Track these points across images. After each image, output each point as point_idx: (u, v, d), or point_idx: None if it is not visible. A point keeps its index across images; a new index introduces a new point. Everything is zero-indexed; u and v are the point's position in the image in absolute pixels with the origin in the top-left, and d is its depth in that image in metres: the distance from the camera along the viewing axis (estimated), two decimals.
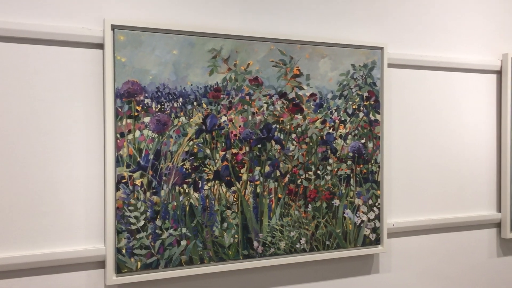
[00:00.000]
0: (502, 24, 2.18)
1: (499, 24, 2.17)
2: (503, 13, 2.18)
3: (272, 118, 1.73)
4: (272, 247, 1.73)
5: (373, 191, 1.89)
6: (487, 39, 2.15)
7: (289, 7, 1.79)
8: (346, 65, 1.84)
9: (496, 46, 2.17)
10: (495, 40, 2.17)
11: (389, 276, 1.98)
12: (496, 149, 2.17)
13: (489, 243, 2.17)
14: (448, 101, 2.07)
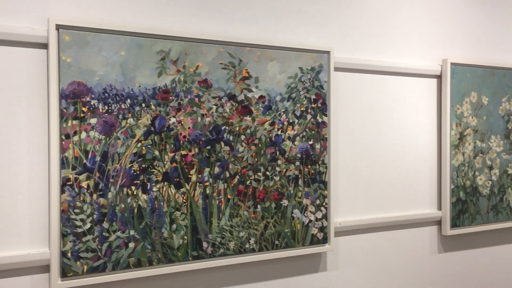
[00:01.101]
0: (442, 31, 2.29)
1: (439, 30, 2.28)
2: (444, 20, 2.29)
3: (222, 119, 1.75)
4: (222, 248, 1.75)
5: (321, 191, 1.94)
6: (428, 45, 2.25)
7: (238, 10, 1.82)
8: (294, 68, 1.88)
9: (437, 52, 2.27)
10: (435, 46, 2.27)
11: (336, 273, 2.04)
12: (437, 151, 2.28)
13: (431, 240, 2.27)
14: (391, 103, 2.15)
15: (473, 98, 2.30)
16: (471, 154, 2.30)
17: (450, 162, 2.24)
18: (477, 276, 2.42)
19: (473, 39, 2.37)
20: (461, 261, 2.36)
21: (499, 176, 2.39)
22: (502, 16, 2.46)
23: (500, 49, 2.45)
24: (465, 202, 2.29)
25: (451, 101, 2.24)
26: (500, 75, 2.38)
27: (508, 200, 2.42)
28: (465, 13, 2.35)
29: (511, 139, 2.42)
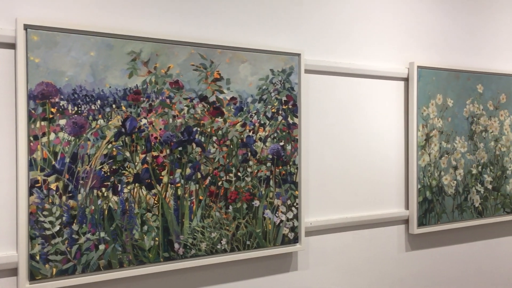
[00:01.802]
0: (409, 35, 2.35)
1: (407, 34, 2.34)
2: (411, 24, 2.35)
3: (193, 121, 1.75)
4: (193, 249, 1.75)
5: (292, 192, 1.97)
6: (396, 48, 2.31)
7: (209, 12, 1.83)
8: (265, 70, 1.90)
9: (404, 55, 2.33)
10: (403, 50, 2.33)
11: (307, 273, 2.07)
12: (404, 151, 2.33)
13: (398, 239, 2.33)
14: (360, 105, 2.20)
15: (439, 100, 2.37)
16: (437, 155, 2.37)
17: (417, 163, 2.30)
18: (443, 273, 2.49)
19: (439, 43, 2.45)
20: (427, 258, 2.43)
21: (464, 176, 2.47)
22: (466, 21, 2.54)
23: (464, 53, 2.53)
24: (431, 202, 2.35)
25: (418, 103, 2.30)
26: (464, 78, 2.45)
27: (472, 199, 2.50)
28: (431, 18, 2.42)
29: (475, 140, 2.50)
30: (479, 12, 2.60)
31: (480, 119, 2.52)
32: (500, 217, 2.61)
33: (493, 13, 2.65)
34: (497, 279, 2.71)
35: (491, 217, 2.58)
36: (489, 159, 2.56)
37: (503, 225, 2.71)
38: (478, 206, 2.52)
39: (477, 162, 2.51)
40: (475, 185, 2.51)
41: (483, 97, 2.53)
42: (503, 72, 2.60)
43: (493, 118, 2.57)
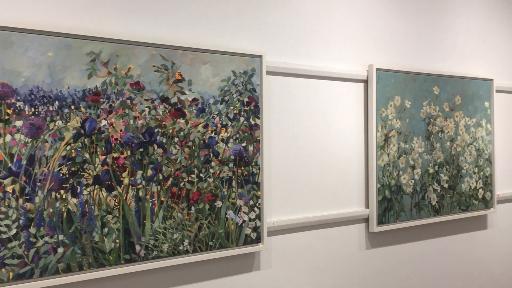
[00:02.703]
0: (369, 38, 2.41)
1: (366, 37, 2.40)
2: (370, 27, 2.41)
3: (154, 122, 1.75)
4: (155, 250, 1.75)
5: (254, 192, 1.99)
6: (356, 51, 2.36)
7: (171, 13, 1.83)
8: (227, 71, 1.91)
9: (363, 58, 2.39)
10: (362, 52, 2.39)
11: (270, 272, 2.09)
12: (364, 151, 2.39)
13: (359, 237, 2.38)
14: (321, 107, 2.24)
15: (397, 101, 2.44)
16: (396, 155, 2.44)
17: (376, 163, 2.36)
18: (402, 270, 2.56)
19: (397, 46, 2.52)
20: (387, 256, 2.49)
21: (421, 175, 2.54)
22: (423, 25, 2.63)
23: (421, 56, 2.62)
24: (390, 200, 2.42)
25: (377, 105, 2.36)
26: (421, 80, 2.54)
27: (429, 197, 2.58)
28: (390, 22, 2.49)
29: (431, 141, 2.58)
30: (436, 16, 2.69)
31: (436, 120, 2.61)
32: (455, 214, 2.70)
33: (448, 18, 2.75)
34: (454, 274, 2.81)
35: (447, 214, 2.67)
36: (445, 158, 2.65)
37: (459, 222, 2.81)
38: (435, 204, 2.60)
39: (434, 162, 2.60)
40: (432, 184, 2.59)
41: (439, 99, 2.62)
42: (458, 74, 2.70)
43: (448, 119, 2.66)
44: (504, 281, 3.10)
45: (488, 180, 2.85)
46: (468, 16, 2.86)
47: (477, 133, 2.79)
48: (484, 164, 2.82)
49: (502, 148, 3.05)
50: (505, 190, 3.07)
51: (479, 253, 2.94)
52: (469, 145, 2.75)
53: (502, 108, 3.04)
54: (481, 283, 2.96)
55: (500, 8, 3.05)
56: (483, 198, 2.83)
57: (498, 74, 3.02)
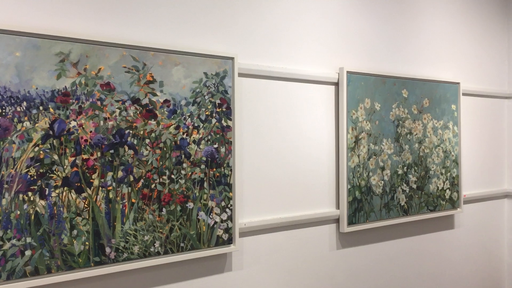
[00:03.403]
0: (339, 41, 2.45)
1: (337, 41, 2.44)
2: (341, 31, 2.45)
3: (125, 123, 1.74)
4: (126, 252, 1.74)
5: (226, 193, 1.99)
6: (327, 54, 2.40)
7: (142, 14, 1.82)
8: (199, 73, 1.92)
9: (334, 60, 2.43)
10: (333, 55, 2.42)
11: (241, 273, 2.11)
12: (335, 153, 2.43)
13: (330, 237, 2.42)
14: (293, 108, 2.27)
15: (367, 104, 2.48)
16: (366, 156, 2.48)
17: (347, 164, 2.40)
18: (371, 269, 2.61)
19: (367, 49, 2.57)
20: (357, 256, 2.53)
21: (390, 176, 2.60)
22: (393, 29, 2.69)
23: (390, 59, 2.67)
24: (360, 201, 2.46)
25: (347, 107, 2.40)
26: (390, 83, 2.59)
27: (398, 198, 2.64)
28: (360, 25, 2.53)
29: (400, 142, 2.64)
30: (405, 21, 2.75)
31: (405, 122, 2.67)
32: (424, 214, 2.77)
33: (417, 22, 2.82)
34: (422, 273, 2.87)
35: (416, 215, 2.73)
36: (414, 160, 2.71)
37: (427, 222, 2.88)
38: (403, 204, 2.66)
39: (403, 163, 2.66)
40: (401, 185, 2.65)
41: (407, 102, 2.68)
42: (426, 78, 2.77)
43: (417, 121, 2.73)
44: (470, 279, 3.19)
45: (455, 181, 2.93)
46: (436, 21, 2.93)
47: (444, 135, 2.87)
48: (451, 165, 2.90)
49: (468, 150, 3.14)
50: (471, 190, 3.16)
51: (447, 252, 3.02)
52: (436, 147, 2.82)
53: (468, 111, 3.13)
54: (448, 281, 3.03)
55: (467, 14, 3.13)
56: (450, 199, 2.91)
57: (465, 77, 3.11)
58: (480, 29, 3.24)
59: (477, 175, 3.22)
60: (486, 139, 3.28)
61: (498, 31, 3.37)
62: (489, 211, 3.32)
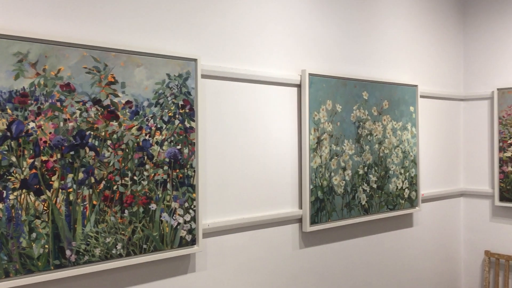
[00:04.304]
0: (302, 44, 2.49)
1: (299, 43, 2.48)
2: (303, 34, 2.49)
3: (86, 124, 1.72)
4: (87, 255, 1.72)
5: (189, 194, 2.00)
6: (290, 56, 2.44)
7: (103, 15, 1.81)
8: (161, 74, 1.92)
9: (297, 63, 2.47)
10: (296, 58, 2.47)
11: (205, 273, 2.11)
12: (298, 154, 2.47)
13: (293, 237, 2.45)
14: (257, 110, 2.29)
15: (329, 106, 2.54)
16: (328, 157, 2.53)
17: (309, 164, 2.44)
18: (334, 267, 2.66)
19: (329, 52, 2.62)
20: (319, 254, 2.58)
21: (352, 176, 2.66)
22: (354, 33, 2.75)
23: (351, 62, 2.74)
24: (322, 201, 2.51)
25: (310, 109, 2.44)
26: (351, 86, 2.65)
27: (359, 197, 2.70)
28: (322, 29, 2.59)
29: (361, 143, 2.71)
30: (365, 25, 2.82)
31: (365, 124, 2.73)
32: (384, 213, 2.85)
33: (377, 27, 2.89)
34: (382, 270, 2.95)
35: (376, 213, 2.80)
36: (374, 160, 2.78)
37: (387, 220, 2.96)
38: (364, 204, 2.73)
39: (363, 163, 2.72)
40: (361, 185, 2.71)
41: (368, 103, 2.75)
42: (385, 80, 2.85)
43: (377, 122, 2.80)
44: (428, 274, 3.30)
45: (413, 180, 3.02)
46: (395, 26, 3.02)
47: (403, 136, 2.95)
48: (409, 165, 2.99)
49: (426, 150, 3.24)
50: (429, 189, 3.27)
51: (406, 249, 3.11)
52: (396, 148, 2.91)
53: (426, 112, 3.24)
54: (408, 277, 3.13)
55: (425, 20, 3.24)
56: (409, 198, 3.00)
57: (422, 80, 3.21)
58: (437, 34, 3.35)
59: (434, 175, 3.33)
60: (442, 140, 3.40)
61: (454, 36, 3.51)
62: (445, 209, 3.44)
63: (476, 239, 3.52)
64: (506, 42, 3.35)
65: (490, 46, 3.44)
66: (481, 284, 3.50)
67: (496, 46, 3.40)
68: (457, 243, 3.56)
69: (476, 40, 3.51)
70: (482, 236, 3.49)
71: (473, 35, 3.53)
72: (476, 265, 3.52)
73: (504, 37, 3.36)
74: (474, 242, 3.53)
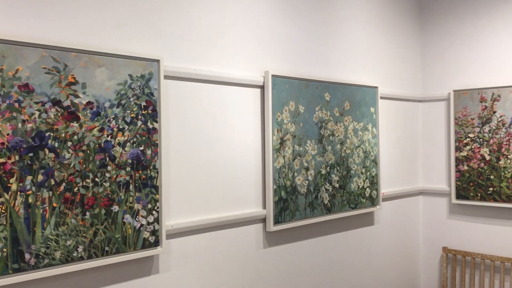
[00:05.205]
0: (265, 46, 2.52)
1: (262, 45, 2.51)
2: (266, 35, 2.52)
3: (45, 126, 1.70)
4: (47, 258, 1.69)
5: (152, 196, 1.99)
6: (253, 57, 2.46)
7: (63, 14, 1.78)
8: (123, 75, 1.90)
9: (260, 64, 2.49)
10: (259, 59, 2.49)
11: (169, 275, 2.11)
12: (261, 154, 2.49)
13: (256, 237, 2.48)
14: (220, 111, 2.30)
15: (292, 107, 2.58)
16: (291, 157, 2.57)
17: (272, 165, 2.47)
18: (297, 266, 2.70)
19: (292, 54, 2.66)
20: (283, 253, 2.62)
21: (314, 176, 2.71)
22: (316, 36, 2.80)
23: (313, 64, 2.79)
24: (286, 201, 2.54)
25: (273, 109, 2.47)
26: (313, 87, 2.70)
27: (322, 197, 2.75)
28: (285, 31, 2.62)
29: (323, 143, 2.76)
30: (328, 28, 2.88)
31: (328, 124, 2.79)
32: (346, 212, 2.91)
33: (339, 30, 2.96)
34: (345, 268, 3.01)
35: (338, 212, 2.86)
36: (336, 160, 2.84)
37: (349, 219, 3.03)
38: (327, 203, 2.78)
39: (326, 163, 2.78)
40: (324, 184, 2.76)
41: (330, 104, 2.81)
42: (347, 82, 2.91)
43: (339, 123, 2.86)
44: (389, 271, 3.39)
45: (374, 179, 3.10)
46: (357, 29, 3.09)
47: (364, 136, 3.03)
48: (370, 165, 3.07)
49: (386, 150, 3.33)
50: (389, 188, 3.36)
51: (367, 247, 3.19)
52: (357, 148, 2.98)
53: (386, 113, 3.33)
54: (369, 275, 3.20)
55: (384, 24, 3.33)
56: (370, 196, 3.07)
57: (382, 82, 3.30)
58: (397, 37, 3.45)
59: (394, 174, 3.43)
60: (402, 140, 3.50)
61: (413, 40, 3.62)
62: (405, 208, 3.54)
63: (434, 236, 3.64)
64: (462, 46, 3.48)
65: (446, 49, 3.56)
66: (439, 279, 3.62)
67: (452, 49, 3.53)
68: (416, 240, 3.67)
69: (434, 43, 3.63)
70: (440, 233, 3.61)
71: (430, 39, 3.65)
72: (434, 261, 3.64)
73: (460, 41, 3.50)
74: (432, 239, 3.65)
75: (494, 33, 3.33)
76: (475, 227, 3.43)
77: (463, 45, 3.48)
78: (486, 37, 3.37)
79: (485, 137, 3.31)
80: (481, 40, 3.39)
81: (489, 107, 3.29)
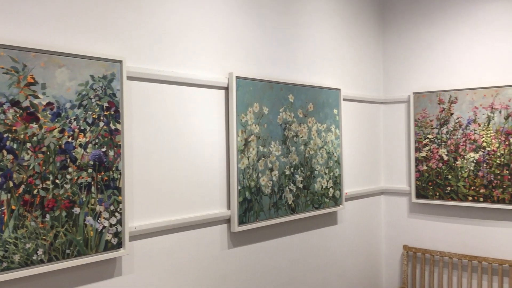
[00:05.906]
0: (229, 47, 2.53)
1: (226, 46, 2.52)
2: (231, 37, 2.54)
3: (3, 127, 1.66)
4: (5, 262, 1.66)
5: (115, 197, 1.98)
6: (217, 59, 2.47)
7: (22, 14, 1.75)
8: (85, 75, 1.88)
9: (224, 66, 2.51)
10: (223, 61, 2.50)
11: (132, 277, 2.09)
12: (226, 155, 2.51)
13: (221, 237, 2.49)
14: (184, 112, 2.30)
15: (256, 108, 2.60)
16: (255, 158, 2.59)
17: (237, 165, 2.49)
18: (262, 266, 2.73)
19: (256, 56, 2.69)
20: (248, 254, 2.64)
21: (279, 177, 2.74)
22: (280, 38, 2.84)
23: (277, 66, 2.82)
24: (250, 201, 2.56)
25: (237, 111, 2.49)
26: (277, 89, 2.74)
27: (286, 197, 2.79)
28: (249, 33, 2.65)
29: (287, 144, 2.80)
30: (291, 30, 2.92)
31: (291, 126, 2.83)
32: (309, 212, 2.95)
33: (303, 33, 3.00)
34: (308, 267, 3.06)
35: (302, 212, 2.90)
36: (300, 161, 2.88)
37: (313, 219, 3.08)
38: (291, 203, 2.82)
39: (290, 164, 2.81)
40: (288, 185, 2.80)
41: (294, 106, 2.85)
42: (310, 84, 2.96)
43: (302, 124, 2.90)
44: (352, 269, 3.46)
45: (337, 180, 3.16)
46: (320, 32, 3.15)
47: (327, 137, 3.08)
48: (333, 165, 3.13)
49: (349, 151, 3.40)
50: (352, 188, 3.43)
51: (331, 246, 3.24)
52: (320, 148, 3.03)
53: (348, 115, 3.40)
54: (333, 273, 3.26)
55: (347, 27, 3.40)
56: (333, 196, 3.13)
57: (345, 84, 3.37)
58: (359, 40, 3.53)
59: (357, 174, 3.50)
60: (364, 141, 3.58)
61: (374, 43, 3.71)
62: (367, 207, 3.62)
63: (396, 235, 3.74)
64: (421, 49, 3.59)
65: (407, 53, 3.67)
66: (400, 276, 3.72)
67: (412, 53, 3.64)
68: (378, 238, 3.76)
69: (395, 47, 3.73)
70: (400, 231, 3.71)
71: (391, 42, 3.75)
72: (396, 259, 3.74)
73: (419, 44, 3.60)
74: (393, 238, 3.75)
75: (451, 37, 3.45)
76: (434, 225, 3.54)
77: (422, 49, 3.59)
78: (443, 41, 3.48)
79: (443, 138, 3.42)
80: (439, 43, 3.51)
81: (446, 109, 3.41)
